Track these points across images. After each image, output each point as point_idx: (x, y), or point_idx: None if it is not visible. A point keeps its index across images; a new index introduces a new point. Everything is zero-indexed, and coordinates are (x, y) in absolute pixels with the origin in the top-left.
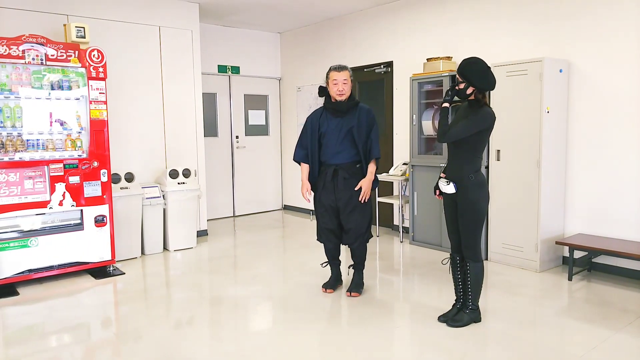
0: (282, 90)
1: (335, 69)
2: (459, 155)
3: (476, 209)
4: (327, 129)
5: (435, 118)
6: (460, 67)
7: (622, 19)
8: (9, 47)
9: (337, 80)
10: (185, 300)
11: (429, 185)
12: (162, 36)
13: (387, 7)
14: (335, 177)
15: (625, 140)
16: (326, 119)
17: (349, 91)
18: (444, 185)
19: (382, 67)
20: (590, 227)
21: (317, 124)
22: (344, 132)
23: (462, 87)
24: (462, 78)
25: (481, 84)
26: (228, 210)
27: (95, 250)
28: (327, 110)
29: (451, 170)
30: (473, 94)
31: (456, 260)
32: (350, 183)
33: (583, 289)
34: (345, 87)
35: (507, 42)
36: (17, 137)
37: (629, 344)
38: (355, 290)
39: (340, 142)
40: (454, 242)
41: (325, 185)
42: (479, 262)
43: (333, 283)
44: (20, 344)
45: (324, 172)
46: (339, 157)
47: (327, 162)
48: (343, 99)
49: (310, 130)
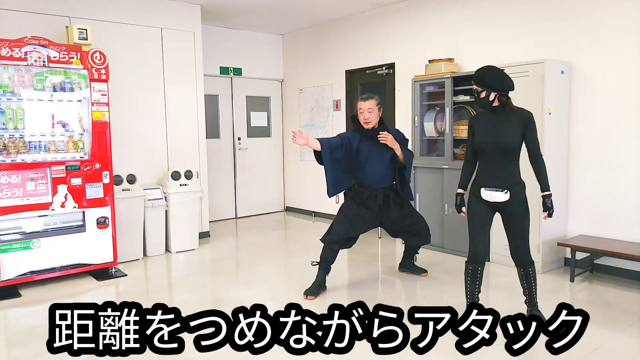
0: (284, 92)
1: (361, 98)
2: (509, 162)
3: (528, 212)
4: (370, 155)
5: (437, 120)
6: (477, 77)
7: (623, 20)
8: (12, 49)
9: (362, 109)
10: (188, 302)
11: (431, 186)
12: (164, 38)
13: (389, 8)
14: (387, 199)
15: (627, 142)
16: (366, 144)
17: (375, 119)
18: (499, 194)
19: (384, 68)
20: (592, 228)
21: (356, 145)
22: (388, 158)
23: (483, 95)
24: (482, 87)
25: (502, 86)
26: (230, 211)
27: (97, 252)
28: (365, 137)
29: (501, 178)
30: (496, 99)
31: (477, 271)
32: (398, 201)
33: (585, 290)
34: (371, 115)
35: (509, 43)
36: (20, 139)
37: (631, 345)
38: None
39: (386, 167)
40: (481, 252)
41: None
42: None
43: (316, 290)
44: (22, 345)
45: (367, 194)
46: (385, 181)
47: (373, 186)
48: (369, 127)
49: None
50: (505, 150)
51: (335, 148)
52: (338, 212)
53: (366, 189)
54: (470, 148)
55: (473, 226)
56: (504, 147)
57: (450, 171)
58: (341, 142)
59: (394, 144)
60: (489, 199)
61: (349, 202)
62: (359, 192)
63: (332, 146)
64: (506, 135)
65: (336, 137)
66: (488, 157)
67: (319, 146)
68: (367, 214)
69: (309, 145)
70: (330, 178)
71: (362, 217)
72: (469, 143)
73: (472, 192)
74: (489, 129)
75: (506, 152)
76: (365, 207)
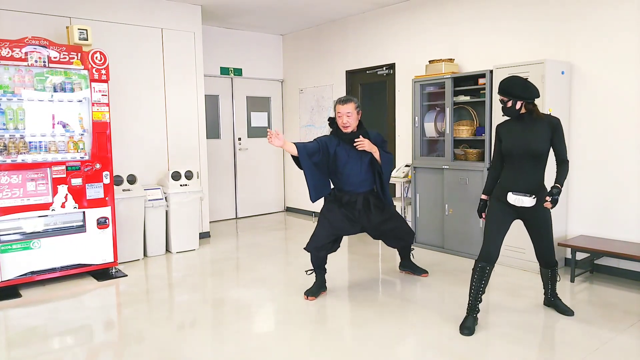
0: (284, 92)
1: (339, 101)
2: (537, 167)
3: (551, 215)
4: (348, 159)
5: (437, 120)
6: (502, 88)
7: (623, 21)
8: (12, 50)
9: (341, 113)
10: (188, 303)
11: (432, 186)
12: (164, 38)
13: (389, 9)
14: (367, 204)
15: (627, 142)
16: (344, 149)
17: (354, 123)
18: (527, 199)
19: (384, 69)
20: (593, 228)
21: (334, 149)
22: (367, 162)
23: (510, 105)
24: (507, 96)
25: (528, 93)
26: (230, 212)
27: (97, 252)
28: (343, 141)
29: (529, 183)
30: (523, 107)
31: (485, 271)
32: (379, 205)
33: (585, 290)
34: (350, 119)
35: (509, 44)
36: (20, 139)
37: (632, 345)
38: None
39: (365, 172)
40: (494, 252)
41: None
42: None
43: (316, 290)
44: (23, 345)
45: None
46: (365, 185)
47: (352, 191)
48: (348, 131)
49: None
50: (534, 155)
51: (313, 153)
52: (319, 216)
53: (345, 193)
54: (497, 154)
55: (490, 227)
56: (533, 153)
57: (451, 171)
58: (318, 146)
59: (372, 148)
60: (517, 203)
61: (329, 204)
62: (339, 197)
63: (309, 151)
64: (535, 140)
65: (313, 142)
66: (516, 163)
67: (295, 150)
68: (348, 216)
69: (285, 148)
70: (311, 183)
71: (343, 218)
72: (496, 150)
73: (495, 195)
74: (517, 135)
75: (535, 157)
76: (346, 210)
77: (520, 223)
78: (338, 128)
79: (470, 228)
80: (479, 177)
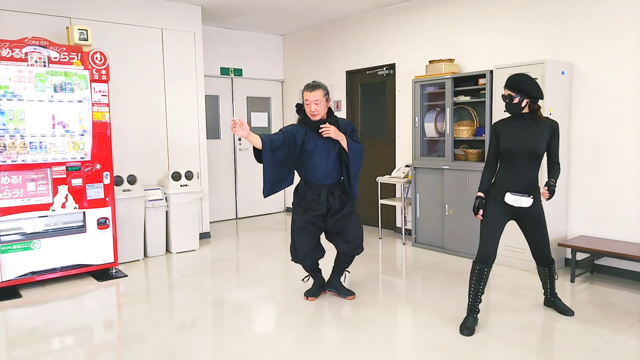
0: (284, 93)
1: (307, 87)
2: (534, 168)
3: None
4: (315, 148)
5: (437, 120)
6: (513, 83)
7: (624, 21)
8: (12, 50)
9: (308, 100)
10: (188, 303)
11: (432, 187)
12: (164, 38)
13: (389, 9)
14: (331, 197)
15: (627, 142)
16: (312, 137)
17: (323, 111)
18: (525, 199)
19: (385, 69)
20: (593, 229)
21: (301, 139)
22: (336, 153)
23: (516, 101)
24: (516, 92)
25: (537, 92)
26: (230, 212)
27: (97, 253)
28: (311, 129)
29: (527, 183)
30: (527, 106)
31: (483, 272)
32: (344, 199)
33: (585, 290)
34: (318, 107)
35: (510, 44)
36: (20, 140)
37: (632, 345)
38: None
39: (332, 163)
40: (491, 253)
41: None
42: None
43: (317, 290)
44: (23, 346)
45: (310, 193)
46: (330, 177)
47: (317, 183)
48: (316, 119)
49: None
50: (535, 156)
51: (278, 146)
52: (291, 226)
53: (310, 186)
54: (494, 152)
55: (487, 228)
56: (534, 153)
57: (451, 172)
58: (284, 138)
59: (339, 135)
60: (515, 203)
61: (297, 210)
62: (304, 194)
63: (274, 144)
64: (536, 141)
65: (278, 133)
66: (515, 163)
67: (260, 143)
68: (316, 217)
69: (248, 139)
70: (268, 178)
71: (314, 222)
72: (493, 148)
73: (492, 196)
74: (518, 134)
75: (534, 158)
76: (312, 210)
77: None
78: (306, 116)
79: (470, 228)
80: (479, 177)
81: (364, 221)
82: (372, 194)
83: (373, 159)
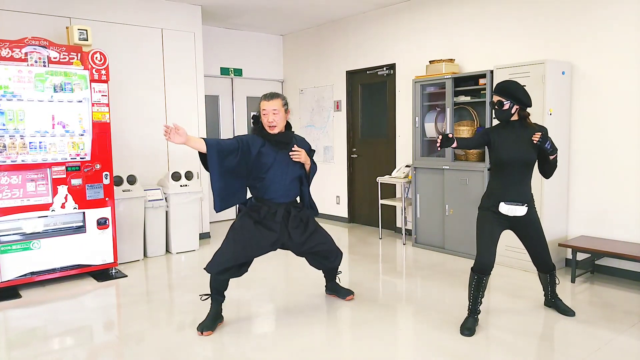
0: (284, 93)
1: (264, 97)
2: (527, 176)
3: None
4: (274, 163)
5: (438, 120)
6: (504, 89)
7: (624, 21)
8: (12, 50)
9: (266, 110)
10: (188, 303)
11: (432, 187)
12: (164, 38)
13: (389, 9)
14: (288, 216)
15: (627, 142)
16: (270, 151)
17: (281, 122)
18: (519, 208)
19: (385, 69)
20: (593, 229)
21: (256, 150)
22: (296, 169)
23: (507, 107)
24: (506, 98)
25: (527, 99)
26: (231, 212)
27: (97, 253)
28: (269, 142)
29: (521, 192)
30: (516, 113)
31: (481, 281)
32: (303, 218)
33: (586, 291)
34: (277, 117)
35: (510, 44)
36: (20, 140)
37: (632, 346)
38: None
39: (291, 180)
40: (489, 263)
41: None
42: None
43: (211, 323)
44: (23, 346)
45: (265, 210)
46: (289, 195)
47: (274, 201)
48: (275, 131)
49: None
50: (528, 165)
51: (229, 152)
52: (229, 231)
53: (264, 203)
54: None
55: (484, 238)
56: (527, 162)
57: (451, 172)
58: (237, 145)
59: (307, 161)
60: (510, 213)
61: (244, 219)
62: (256, 207)
63: (223, 149)
64: (529, 150)
65: (232, 140)
66: (508, 172)
67: (203, 147)
68: (266, 235)
69: (189, 144)
70: (217, 189)
71: (259, 238)
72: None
73: (486, 205)
74: (511, 143)
75: (528, 166)
76: (263, 225)
77: None
78: (263, 128)
79: (470, 228)
80: (480, 177)
81: (365, 221)
82: (372, 194)
83: (373, 159)
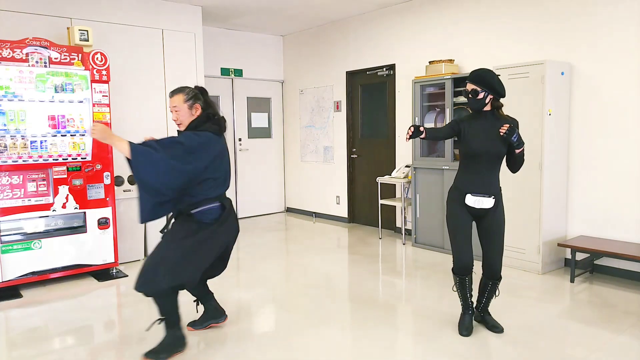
0: (284, 93)
1: (169, 93)
2: (496, 169)
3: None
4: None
5: (437, 121)
6: (479, 77)
7: (623, 21)
8: (13, 50)
9: (170, 107)
10: (188, 303)
11: (431, 187)
12: (165, 39)
13: (389, 9)
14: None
15: (627, 142)
16: None
17: (185, 119)
18: (486, 200)
19: (385, 69)
20: (593, 229)
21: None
22: None
23: (481, 96)
24: (482, 87)
25: (502, 89)
26: None
27: (98, 253)
28: None
29: (488, 184)
30: (489, 103)
31: (465, 281)
32: None
33: (585, 291)
34: (179, 114)
35: (509, 44)
36: (21, 140)
37: (632, 346)
38: None
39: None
40: (468, 263)
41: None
42: None
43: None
44: (24, 346)
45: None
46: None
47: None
48: (180, 129)
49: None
50: (497, 157)
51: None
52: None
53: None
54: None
55: (457, 236)
56: (497, 154)
57: (451, 172)
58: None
59: (107, 138)
60: (477, 205)
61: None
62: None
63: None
64: (499, 142)
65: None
66: (478, 164)
67: (127, 151)
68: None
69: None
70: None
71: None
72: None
73: (453, 199)
74: (482, 135)
75: (498, 158)
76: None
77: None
78: None
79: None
80: None
81: (364, 221)
82: (372, 194)
83: (373, 159)
